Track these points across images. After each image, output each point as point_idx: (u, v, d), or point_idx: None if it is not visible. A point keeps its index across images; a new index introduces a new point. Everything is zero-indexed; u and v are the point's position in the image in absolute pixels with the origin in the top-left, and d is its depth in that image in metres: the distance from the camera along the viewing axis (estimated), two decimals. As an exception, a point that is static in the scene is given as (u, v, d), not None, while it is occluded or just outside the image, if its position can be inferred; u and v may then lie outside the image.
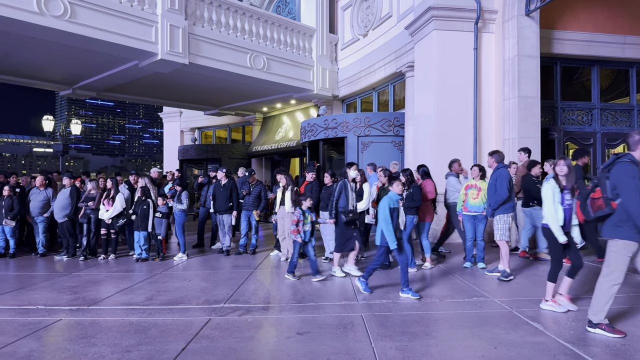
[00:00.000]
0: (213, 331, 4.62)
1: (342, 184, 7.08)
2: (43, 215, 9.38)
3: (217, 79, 13.37)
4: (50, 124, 18.26)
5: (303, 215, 6.86)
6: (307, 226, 6.88)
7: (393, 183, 5.98)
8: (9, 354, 4.02)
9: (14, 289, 6.61)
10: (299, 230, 6.80)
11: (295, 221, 6.82)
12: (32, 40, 9.86)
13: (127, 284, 6.88)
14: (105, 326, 4.83)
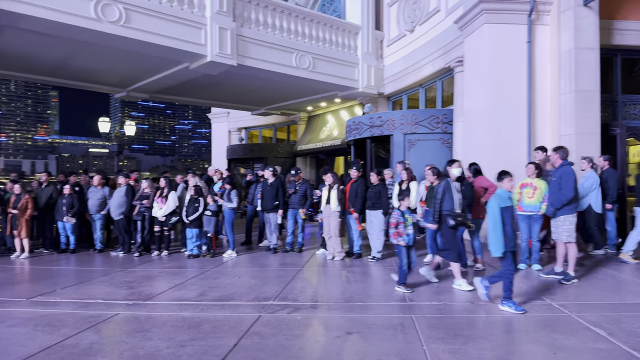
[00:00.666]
0: (263, 328, 4.67)
1: (445, 184, 6.36)
2: (100, 212, 9.82)
3: (264, 79, 13.54)
4: (106, 126, 19.10)
5: (402, 217, 6.07)
6: (409, 229, 6.07)
7: (504, 178, 5.32)
8: (72, 345, 4.22)
9: (75, 283, 6.95)
10: (400, 233, 6.01)
11: (395, 223, 6.02)
12: (89, 45, 10.32)
13: (180, 279, 7.08)
14: (160, 321, 4.98)
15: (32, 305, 5.66)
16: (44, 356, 3.93)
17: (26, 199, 9.23)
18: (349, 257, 8.64)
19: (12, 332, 4.60)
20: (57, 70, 12.88)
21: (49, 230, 10.05)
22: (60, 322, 4.92)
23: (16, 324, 4.86)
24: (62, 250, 9.81)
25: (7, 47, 10.51)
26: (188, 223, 9.01)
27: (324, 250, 9.03)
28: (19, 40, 9.97)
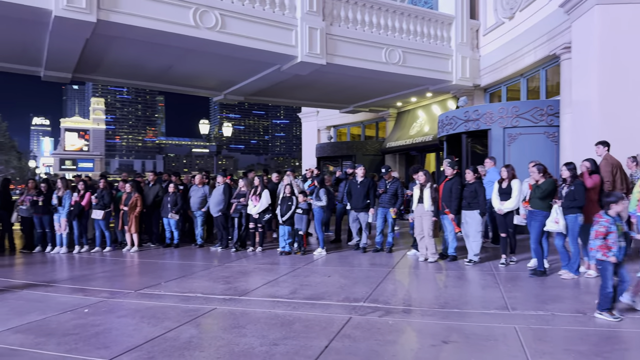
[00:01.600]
0: (354, 330, 4.57)
1: None
2: (201, 210, 10.38)
3: (352, 77, 13.46)
4: (206, 127, 20.28)
5: (614, 225, 4.73)
6: (622, 241, 4.74)
7: None
8: (173, 338, 4.43)
9: (178, 277, 7.38)
10: (610, 246, 4.70)
11: (604, 233, 4.73)
12: (189, 52, 10.96)
13: (273, 276, 7.23)
14: (254, 317, 5.09)
15: (139, 297, 6.08)
16: (148, 348, 4.17)
17: (136, 197, 10.01)
18: (443, 259, 8.26)
19: (122, 322, 4.96)
20: (162, 77, 13.88)
21: (156, 226, 10.83)
22: (164, 314, 5.22)
23: (125, 315, 5.24)
24: (167, 245, 10.53)
25: (119, 56, 11.50)
26: (281, 221, 9.20)
27: (415, 251, 8.73)
28: (129, 49, 10.85)
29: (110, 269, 8.40)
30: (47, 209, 9.94)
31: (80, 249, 9.94)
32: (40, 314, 5.27)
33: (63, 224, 9.89)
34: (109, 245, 10.12)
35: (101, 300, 5.90)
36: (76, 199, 9.93)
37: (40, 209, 9.97)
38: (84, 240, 10.09)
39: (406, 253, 8.99)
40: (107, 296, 6.09)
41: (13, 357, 3.96)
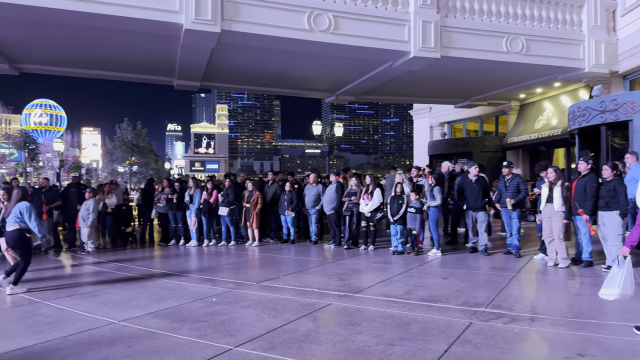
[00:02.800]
0: (476, 336, 4.31)
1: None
2: (315, 208, 10.65)
3: (468, 69, 12.80)
4: (319, 128, 20.81)
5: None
6: None
7: None
8: (292, 330, 4.58)
9: (295, 272, 7.65)
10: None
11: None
12: (303, 55, 11.29)
13: (386, 275, 7.14)
14: (369, 315, 5.06)
15: (261, 289, 6.41)
16: (269, 338, 4.36)
17: (257, 195, 10.60)
18: (575, 264, 7.48)
19: (245, 312, 5.25)
20: (277, 81, 14.53)
21: (274, 222, 11.36)
22: (283, 307, 5.43)
23: (248, 305, 5.54)
24: (284, 241, 10.98)
25: (239, 63, 12.26)
26: (392, 220, 9.08)
27: (543, 255, 8.02)
28: (248, 56, 11.50)
29: (234, 261, 9.00)
30: (180, 206, 10.97)
31: (208, 243, 10.79)
32: (174, 302, 5.80)
33: (193, 219, 10.82)
34: (234, 240, 10.85)
35: (227, 290, 6.32)
36: (205, 197, 10.79)
37: (175, 206, 11.03)
38: (212, 235, 10.94)
39: (533, 257, 8.30)
40: (232, 287, 6.51)
41: (152, 340, 4.40)
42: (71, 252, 10.35)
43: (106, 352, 4.05)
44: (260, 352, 3.99)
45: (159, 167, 65.82)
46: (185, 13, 8.80)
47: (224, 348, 4.09)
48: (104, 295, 6.23)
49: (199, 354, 3.97)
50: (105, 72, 13.60)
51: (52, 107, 76.70)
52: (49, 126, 74.48)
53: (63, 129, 75.67)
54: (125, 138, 57.92)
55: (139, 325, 4.81)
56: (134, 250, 10.65)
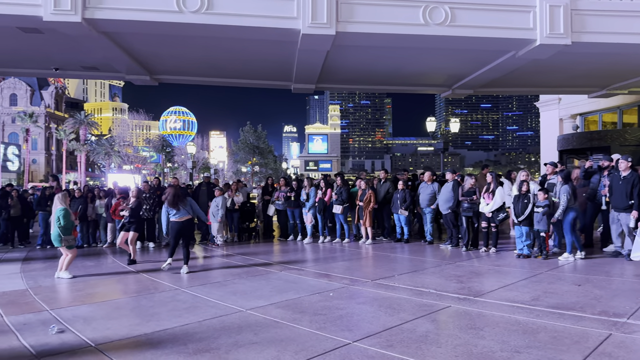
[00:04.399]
0: (616, 349, 3.88)
1: None
2: (430, 207, 10.38)
3: (604, 54, 11.45)
4: (433, 125, 20.24)
5: None
6: None
7: None
8: (410, 330, 4.53)
9: (410, 271, 7.55)
10: None
11: None
12: (417, 51, 11.05)
13: (510, 279, 6.72)
14: (492, 320, 4.81)
15: (376, 286, 6.43)
16: (386, 336, 4.36)
17: (369, 194, 10.66)
18: None
19: (361, 309, 5.32)
20: (390, 79, 14.42)
21: (387, 221, 11.32)
22: (399, 306, 5.39)
23: (364, 302, 5.60)
24: (398, 240, 10.88)
25: (351, 64, 12.40)
26: (517, 221, 8.50)
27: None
28: (360, 56, 11.58)
29: (348, 258, 9.16)
30: (297, 203, 11.44)
31: (323, 240, 11.11)
32: (295, 294, 6.08)
33: (309, 217, 11.22)
34: (347, 237, 11.03)
35: (343, 286, 6.46)
36: (320, 196, 11.12)
37: (292, 203, 11.53)
38: (326, 232, 11.25)
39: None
40: (348, 283, 6.64)
41: (276, 329, 4.66)
42: (203, 244, 11.36)
43: (236, 338, 4.38)
44: (378, 349, 4.01)
45: (277, 167, 69.36)
46: (302, 18, 9.14)
47: (342, 342, 4.19)
48: (232, 285, 6.75)
49: (319, 345, 4.11)
50: (231, 80, 14.70)
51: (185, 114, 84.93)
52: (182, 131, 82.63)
53: (194, 133, 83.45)
54: (248, 140, 61.98)
55: (263, 314, 5.13)
56: (256, 244, 11.36)
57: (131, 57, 11.62)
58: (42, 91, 73.86)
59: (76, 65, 13.02)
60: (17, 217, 11.61)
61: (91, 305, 5.78)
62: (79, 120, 67.92)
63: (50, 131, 71.68)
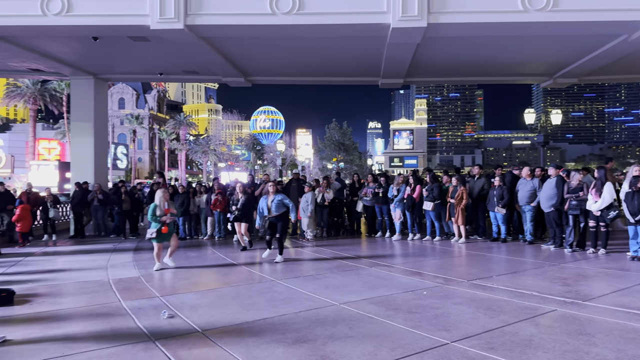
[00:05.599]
0: None
1: None
2: (530, 204, 9.77)
3: None
4: (531, 117, 19.01)
5: None
6: None
7: None
8: (512, 333, 4.31)
9: (509, 272, 7.18)
10: None
11: None
12: (513, 39, 10.43)
13: (624, 284, 6.14)
14: (605, 327, 4.43)
15: (472, 287, 6.19)
16: (487, 338, 4.19)
17: (462, 190, 10.28)
18: None
19: (458, 309, 5.15)
20: (483, 69, 13.77)
21: (482, 219, 10.84)
22: (499, 308, 5.15)
23: (460, 302, 5.42)
24: (494, 239, 10.38)
25: (441, 55, 12.01)
26: (634, 221, 7.72)
27: None
28: (450, 47, 11.18)
29: (440, 257, 8.91)
30: (386, 199, 11.35)
31: (413, 237, 10.92)
32: (387, 290, 6.05)
33: (398, 213, 11.08)
34: (438, 235, 10.74)
35: (437, 285, 6.30)
36: (408, 192, 10.93)
37: (380, 200, 11.46)
38: (415, 229, 11.04)
39: None
40: (442, 282, 6.46)
41: (370, 324, 4.67)
42: (293, 239, 11.69)
43: (331, 331, 4.46)
44: (478, 351, 3.87)
45: (362, 164, 69.32)
46: (392, 12, 9.03)
47: (440, 341, 4.10)
48: (324, 279, 6.87)
49: (415, 343, 4.06)
50: (319, 78, 14.97)
51: (273, 113, 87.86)
52: (271, 129, 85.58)
53: (282, 131, 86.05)
54: (333, 137, 62.63)
55: (357, 309, 5.17)
56: (345, 240, 11.46)
57: (227, 60, 12.26)
58: (146, 95, 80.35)
59: (178, 69, 14.01)
60: (128, 211, 12.77)
61: (196, 294, 6.20)
62: (179, 121, 73.13)
63: (153, 132, 77.87)
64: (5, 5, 9.47)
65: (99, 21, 9.43)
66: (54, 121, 64.76)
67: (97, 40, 10.33)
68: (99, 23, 9.45)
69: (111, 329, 4.70)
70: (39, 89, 41.91)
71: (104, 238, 12.43)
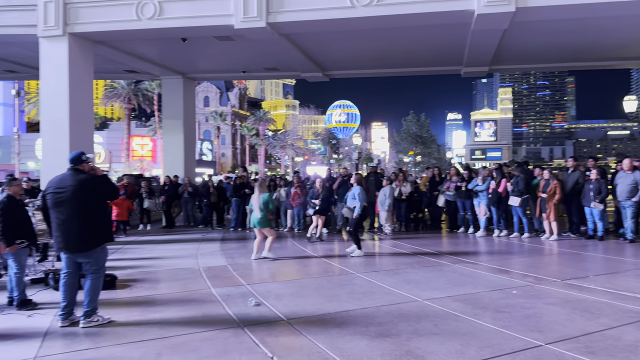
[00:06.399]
0: None
1: None
2: (631, 199, 8.94)
3: None
4: (632, 104, 17.34)
5: None
6: None
7: None
8: (614, 337, 3.98)
9: (607, 272, 6.65)
10: None
11: None
12: (615, 19, 9.55)
13: None
14: None
15: (566, 287, 5.79)
16: (585, 341, 3.90)
17: (554, 184, 9.62)
18: None
19: (551, 310, 4.85)
20: (576, 54, 12.82)
21: (576, 215, 10.10)
22: (598, 310, 4.77)
23: (554, 303, 5.10)
24: (590, 237, 9.64)
25: (529, 41, 11.34)
26: None
27: None
28: (543, 32, 10.51)
29: (529, 255, 8.45)
30: (469, 194, 10.93)
31: (499, 234, 10.43)
32: (472, 288, 5.84)
33: (482, 208, 10.63)
34: (527, 232, 10.17)
35: (527, 284, 5.97)
36: (493, 187, 10.44)
37: (463, 194, 11.05)
38: (502, 225, 10.53)
39: None
40: (532, 281, 6.12)
41: (456, 322, 4.53)
42: (371, 233, 11.65)
43: (415, 326, 4.39)
44: (576, 355, 3.61)
45: (440, 157, 67.36)
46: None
47: (532, 343, 3.88)
48: (405, 274, 6.78)
49: (506, 344, 3.88)
50: (397, 69, 14.75)
51: (348, 107, 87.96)
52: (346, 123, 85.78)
53: (357, 125, 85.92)
54: (410, 130, 61.38)
55: (441, 306, 5.04)
56: (424, 235, 11.21)
57: (306, 55, 12.46)
58: (228, 93, 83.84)
59: (259, 67, 14.47)
60: (215, 203, 13.44)
61: (280, 283, 6.40)
62: (259, 118, 75.60)
63: (235, 128, 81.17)
64: (105, 12, 10.33)
65: (187, 23, 9.98)
66: (146, 119, 69.61)
67: (185, 41, 10.94)
68: (187, 25, 10.01)
69: (203, 314, 4.98)
70: (133, 89, 45.21)
71: (192, 228, 13.18)
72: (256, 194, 8.27)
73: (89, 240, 4.61)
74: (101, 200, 4.78)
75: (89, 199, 4.57)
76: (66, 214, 4.53)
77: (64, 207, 4.53)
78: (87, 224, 4.56)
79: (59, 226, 4.59)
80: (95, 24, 10.49)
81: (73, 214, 4.52)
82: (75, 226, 4.53)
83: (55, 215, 4.61)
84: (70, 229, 4.54)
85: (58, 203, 4.56)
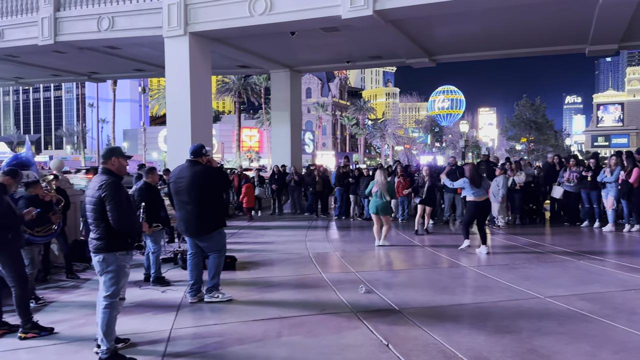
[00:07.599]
0: None
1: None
2: None
3: None
4: None
5: None
6: None
7: None
8: None
9: None
10: None
11: None
12: None
13: None
14: None
15: None
16: None
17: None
18: None
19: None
20: None
21: None
22: None
23: None
24: None
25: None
26: None
27: None
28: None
29: (669, 253, 7.51)
30: (595, 184, 9.94)
31: (630, 229, 9.38)
32: (601, 287, 5.36)
33: (610, 200, 9.62)
34: (666, 228, 9.03)
35: (669, 286, 5.33)
36: (623, 177, 9.38)
37: (588, 185, 10.09)
38: (632, 220, 9.45)
39: None
40: (676, 283, 5.44)
41: (585, 322, 4.18)
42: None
43: (537, 324, 4.14)
44: None
45: (557, 144, 61.92)
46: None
47: (681, 352, 3.47)
48: (522, 269, 6.39)
49: (647, 350, 3.51)
50: (510, 51, 13.84)
51: (453, 92, 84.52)
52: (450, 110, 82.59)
53: (462, 111, 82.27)
54: (524, 115, 57.07)
55: (566, 304, 4.68)
56: (541, 228, 10.46)
57: (413, 41, 12.19)
58: (329, 83, 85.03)
59: (364, 56, 14.46)
60: (320, 192, 13.76)
61: (388, 272, 6.41)
62: (359, 107, 75.76)
63: (335, 118, 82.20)
64: (220, 11, 11.01)
65: (296, 16, 10.27)
66: (254, 112, 73.31)
67: (294, 35, 11.28)
68: (296, 18, 10.31)
69: (316, 298, 5.16)
70: (242, 83, 47.81)
71: (299, 215, 13.66)
72: (381, 179, 8.10)
73: (204, 226, 4.97)
74: (215, 190, 5.12)
75: (203, 189, 4.91)
76: (184, 201, 4.96)
77: (183, 196, 4.96)
78: (202, 212, 4.91)
79: (180, 212, 5.06)
80: (212, 22, 11.24)
81: (190, 202, 4.92)
82: (192, 214, 4.92)
83: (176, 203, 5.08)
84: (188, 216, 4.96)
85: (178, 192, 5.00)
